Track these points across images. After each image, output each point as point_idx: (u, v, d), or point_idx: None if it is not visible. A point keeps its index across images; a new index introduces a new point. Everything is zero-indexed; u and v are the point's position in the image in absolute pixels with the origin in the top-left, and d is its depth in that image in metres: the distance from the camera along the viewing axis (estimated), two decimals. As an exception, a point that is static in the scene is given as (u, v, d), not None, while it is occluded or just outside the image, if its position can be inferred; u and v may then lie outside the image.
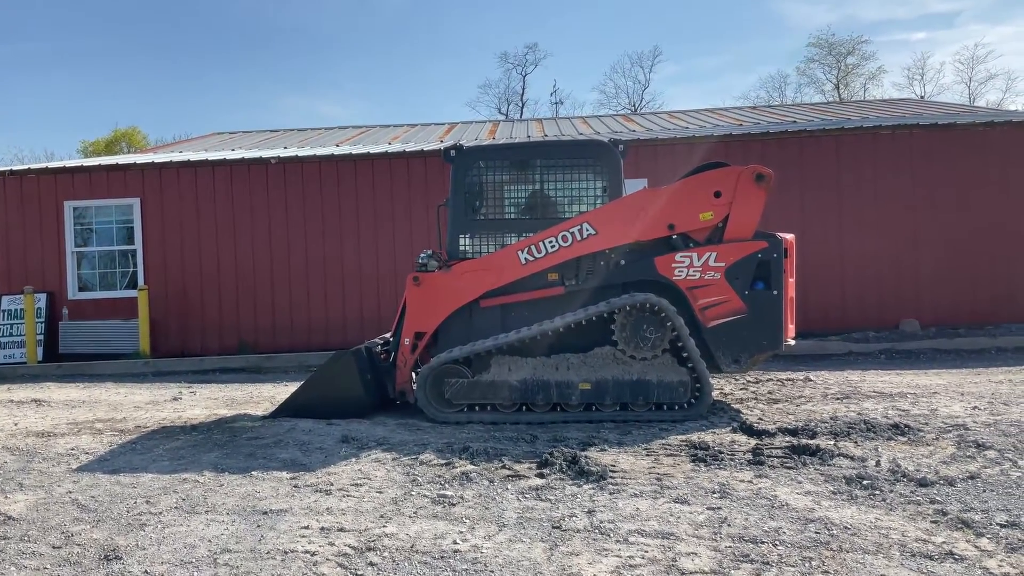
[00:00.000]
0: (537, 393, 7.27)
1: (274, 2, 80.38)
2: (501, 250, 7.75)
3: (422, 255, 7.94)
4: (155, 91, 72.93)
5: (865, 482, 5.08)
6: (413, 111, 77.50)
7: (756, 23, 75.94)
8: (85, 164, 14.44)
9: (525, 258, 7.56)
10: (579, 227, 7.48)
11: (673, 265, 7.33)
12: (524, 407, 7.36)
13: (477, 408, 7.42)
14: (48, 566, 4.17)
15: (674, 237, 7.45)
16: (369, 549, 4.24)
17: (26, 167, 14.31)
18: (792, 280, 7.56)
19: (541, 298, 7.63)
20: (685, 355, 7.21)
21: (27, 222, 13.60)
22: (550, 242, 7.52)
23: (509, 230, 7.94)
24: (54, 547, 4.45)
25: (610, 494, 5.05)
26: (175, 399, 9.39)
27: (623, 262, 7.50)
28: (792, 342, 7.63)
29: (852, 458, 5.64)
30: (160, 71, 74.05)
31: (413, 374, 7.92)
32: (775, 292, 7.27)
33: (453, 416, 7.39)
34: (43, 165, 14.79)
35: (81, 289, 13.71)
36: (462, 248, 7.96)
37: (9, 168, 14.08)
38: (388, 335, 8.72)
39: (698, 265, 7.30)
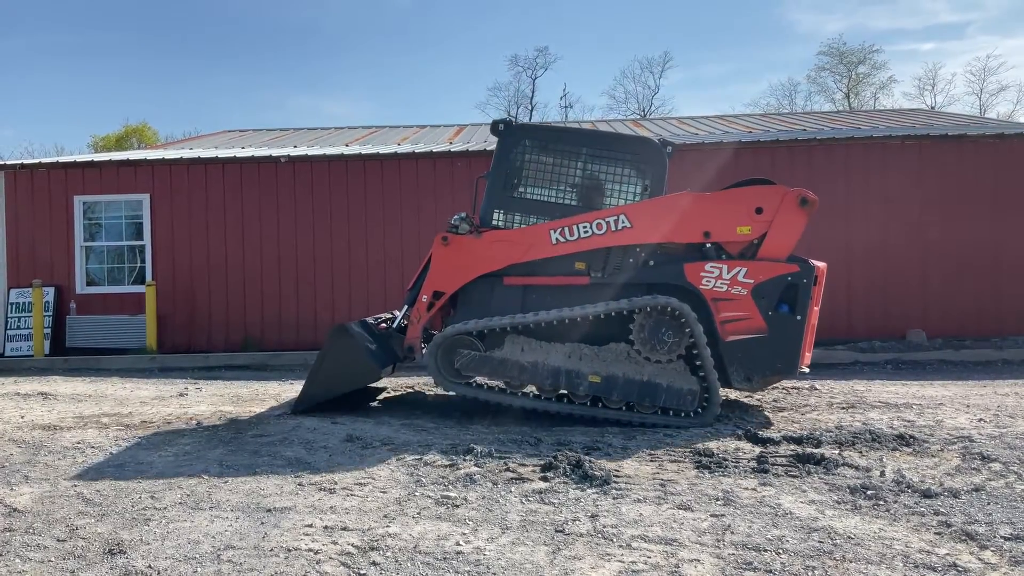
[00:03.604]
0: (546, 378, 7.28)
1: (284, 1, 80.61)
2: (534, 226, 7.73)
3: (454, 217, 7.90)
4: (166, 88, 73.31)
5: (869, 492, 5.07)
6: (422, 112, 77.69)
7: (766, 31, 75.97)
8: (95, 159, 14.49)
9: (556, 238, 7.55)
10: (616, 217, 7.45)
11: (702, 274, 7.30)
12: (532, 393, 7.38)
13: (485, 386, 7.44)
14: (52, 559, 4.19)
15: (707, 246, 7.42)
16: (372, 549, 4.25)
17: (37, 161, 14.36)
18: (817, 309, 7.51)
19: (565, 285, 7.62)
20: (698, 364, 7.18)
21: (36, 216, 13.64)
22: (584, 227, 7.50)
23: (543, 212, 7.88)
24: (59, 540, 4.47)
25: (614, 499, 5.05)
26: (181, 395, 9.41)
27: (652, 262, 7.49)
28: (807, 369, 7.56)
29: (857, 468, 5.63)
30: (171, 68, 74.40)
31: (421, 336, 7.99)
32: (799, 317, 7.22)
33: (461, 388, 7.44)
34: (54, 159, 14.85)
35: (89, 284, 13.75)
36: (494, 222, 7.95)
37: (20, 162, 14.15)
38: (382, 314, 8.78)
39: (727, 278, 7.26)
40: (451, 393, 7.71)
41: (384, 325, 8.35)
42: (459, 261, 7.74)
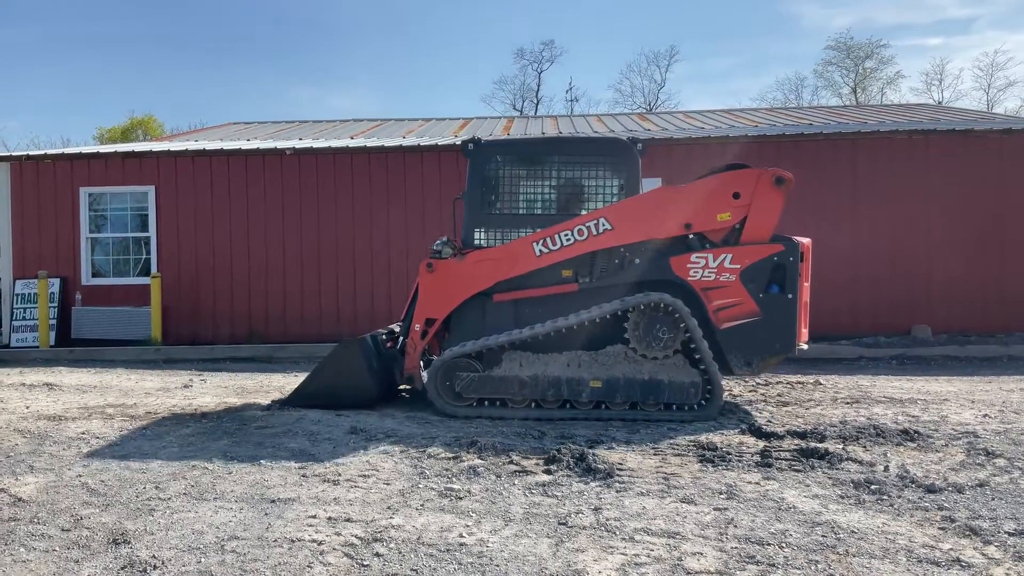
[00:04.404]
0: (548, 389, 7.26)
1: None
2: (516, 240, 7.75)
3: (436, 242, 7.94)
4: (171, 80, 73.27)
5: (873, 487, 5.07)
6: (426, 105, 77.59)
7: (772, 25, 75.69)
8: (101, 151, 14.52)
9: (540, 250, 7.55)
10: (595, 222, 7.46)
11: (688, 265, 7.31)
12: (534, 403, 7.36)
13: (487, 403, 7.43)
14: (57, 548, 4.21)
15: (690, 237, 7.43)
16: (376, 540, 4.25)
17: (43, 152, 14.38)
18: (807, 284, 7.53)
19: (555, 294, 7.62)
20: (697, 356, 7.19)
21: (42, 207, 13.67)
22: (565, 235, 7.50)
23: (524, 225, 7.93)
24: (63, 530, 4.48)
25: (617, 492, 5.05)
26: (186, 386, 9.43)
27: (638, 261, 7.49)
28: (805, 346, 7.59)
29: (861, 463, 5.62)
30: (176, 61, 74.40)
31: (421, 362, 7.96)
32: (790, 296, 7.23)
33: (463, 410, 7.40)
34: (59, 151, 14.87)
35: (94, 275, 13.79)
36: (477, 241, 7.99)
37: (26, 153, 14.16)
38: (393, 325, 8.76)
39: (713, 266, 7.27)
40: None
41: (391, 344, 8.30)
42: (446, 285, 7.72)
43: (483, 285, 7.67)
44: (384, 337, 8.31)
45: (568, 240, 7.49)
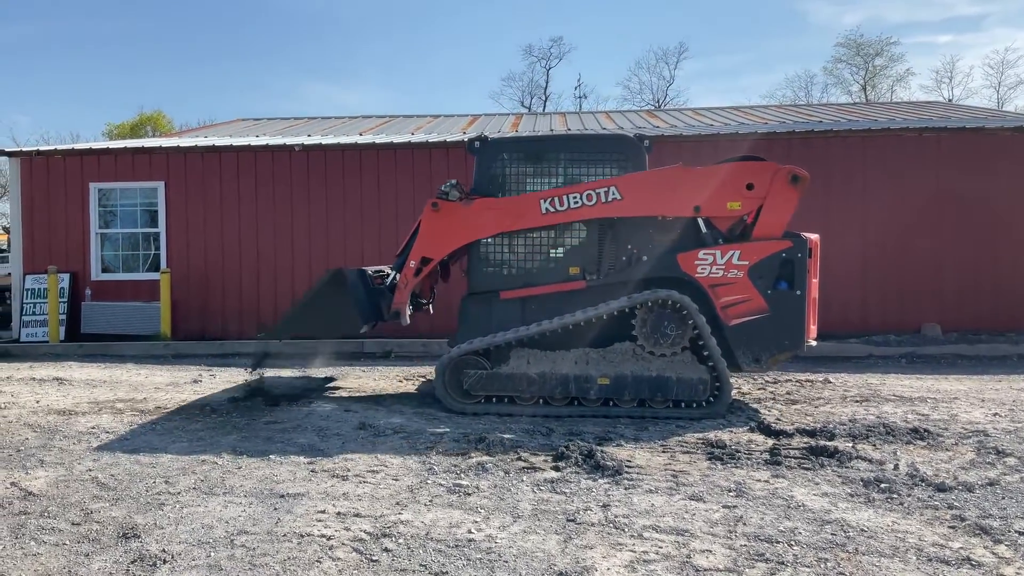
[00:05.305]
0: (555, 387, 7.26)
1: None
2: (524, 195, 7.74)
3: (445, 184, 7.90)
4: (180, 76, 73.43)
5: (883, 485, 5.05)
6: (435, 101, 77.63)
7: (782, 21, 75.35)
8: (111, 146, 14.55)
9: (547, 208, 7.54)
10: (606, 189, 7.44)
11: (696, 262, 7.31)
12: (542, 401, 7.35)
13: (495, 400, 7.43)
14: (67, 542, 4.23)
15: (702, 231, 7.41)
16: (384, 535, 4.26)
17: (53, 148, 14.43)
18: (816, 281, 7.52)
19: (562, 292, 7.62)
20: (706, 353, 7.18)
21: (52, 202, 13.71)
22: (574, 198, 7.49)
23: None
24: (73, 524, 4.50)
25: (625, 489, 5.05)
26: (195, 381, 9.46)
27: (645, 257, 7.49)
28: (814, 343, 7.58)
29: (870, 461, 5.61)
30: (185, 57, 74.55)
31: (409, 302, 8.06)
32: (798, 292, 7.22)
33: (471, 407, 7.40)
34: (69, 146, 14.91)
35: (104, 270, 13.82)
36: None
37: (36, 148, 14.21)
38: (382, 267, 8.85)
39: (721, 263, 7.26)
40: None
41: (379, 281, 8.34)
42: (448, 227, 7.74)
43: (485, 233, 7.70)
44: (372, 274, 8.39)
45: (576, 203, 7.48)
